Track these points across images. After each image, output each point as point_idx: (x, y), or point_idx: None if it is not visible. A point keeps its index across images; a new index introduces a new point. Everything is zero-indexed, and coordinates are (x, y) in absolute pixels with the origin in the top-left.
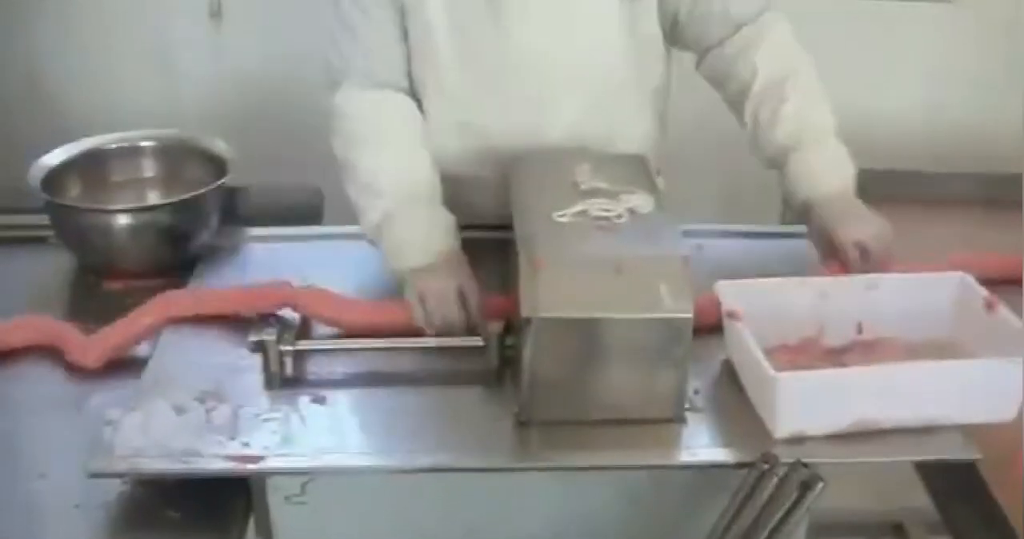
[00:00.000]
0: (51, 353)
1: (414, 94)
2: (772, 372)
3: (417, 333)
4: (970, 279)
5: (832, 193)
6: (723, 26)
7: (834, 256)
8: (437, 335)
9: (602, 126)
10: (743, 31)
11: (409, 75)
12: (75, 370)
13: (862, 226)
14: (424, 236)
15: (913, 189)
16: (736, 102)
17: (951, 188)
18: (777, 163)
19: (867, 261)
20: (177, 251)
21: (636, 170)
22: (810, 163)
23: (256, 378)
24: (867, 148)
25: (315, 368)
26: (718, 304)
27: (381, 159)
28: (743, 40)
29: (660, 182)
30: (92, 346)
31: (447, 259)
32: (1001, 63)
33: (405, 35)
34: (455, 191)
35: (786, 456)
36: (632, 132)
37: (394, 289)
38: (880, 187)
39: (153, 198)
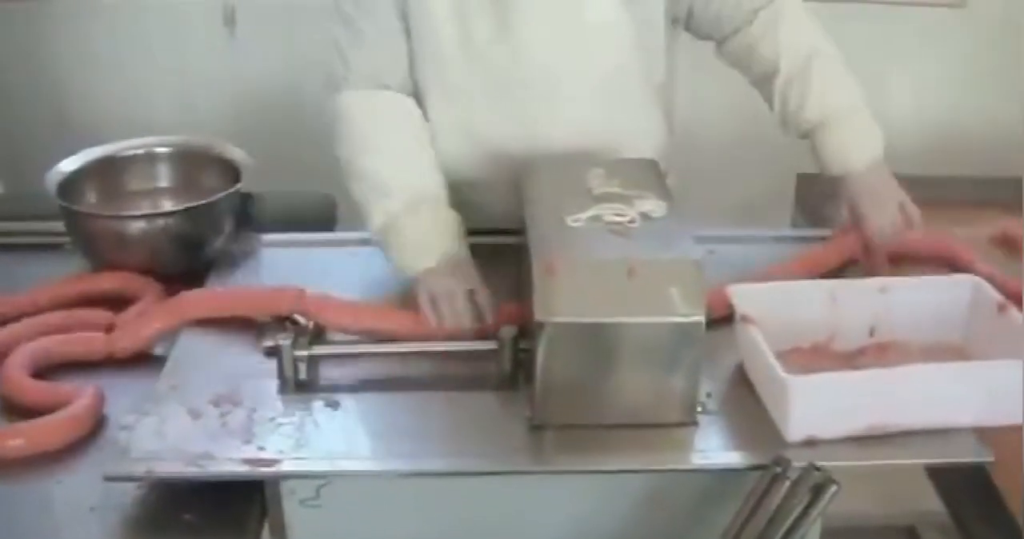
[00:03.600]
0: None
1: (417, 97)
2: (784, 375)
3: (429, 337)
4: (983, 282)
5: (859, 169)
6: (740, 14)
7: (857, 229)
8: (449, 337)
9: (608, 126)
10: (760, 15)
11: (412, 78)
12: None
13: (885, 212)
14: (432, 237)
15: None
16: (762, 84)
17: (956, 192)
18: (809, 139)
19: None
20: (191, 257)
21: (649, 174)
22: (839, 140)
23: (271, 383)
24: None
25: (329, 373)
26: (726, 298)
27: (386, 161)
28: (762, 24)
29: (670, 180)
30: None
31: (455, 260)
32: (1006, 67)
33: (408, 38)
34: (462, 195)
35: (799, 459)
36: (637, 129)
37: (406, 294)
38: None
39: (168, 204)
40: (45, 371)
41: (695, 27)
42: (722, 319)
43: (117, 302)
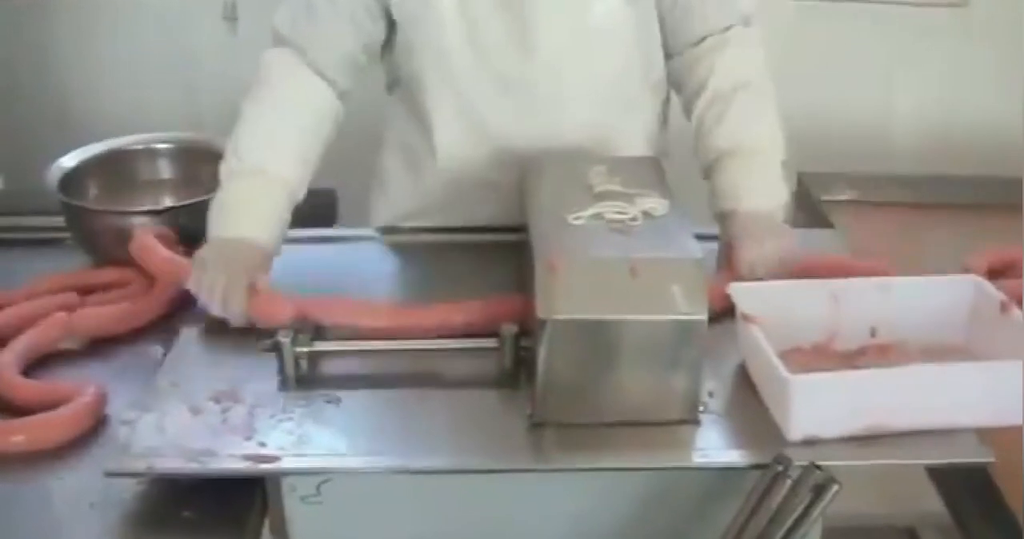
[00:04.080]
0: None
1: (417, 92)
2: (786, 374)
3: (432, 336)
4: (985, 282)
5: (749, 209)
6: (691, 34)
7: (729, 268)
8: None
9: (610, 124)
10: (707, 41)
11: (350, 77)
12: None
13: (758, 246)
14: (242, 212)
15: (925, 193)
16: (688, 104)
17: (957, 192)
18: (709, 170)
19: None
20: (193, 253)
21: (650, 172)
22: (736, 175)
23: (271, 379)
24: (878, 151)
25: (330, 369)
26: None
27: (267, 131)
28: (707, 48)
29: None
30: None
31: (247, 246)
32: (1007, 67)
33: (366, 39)
34: (467, 193)
35: (800, 459)
36: (637, 126)
37: (408, 290)
38: (892, 191)
39: (169, 200)
40: (38, 366)
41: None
42: (723, 317)
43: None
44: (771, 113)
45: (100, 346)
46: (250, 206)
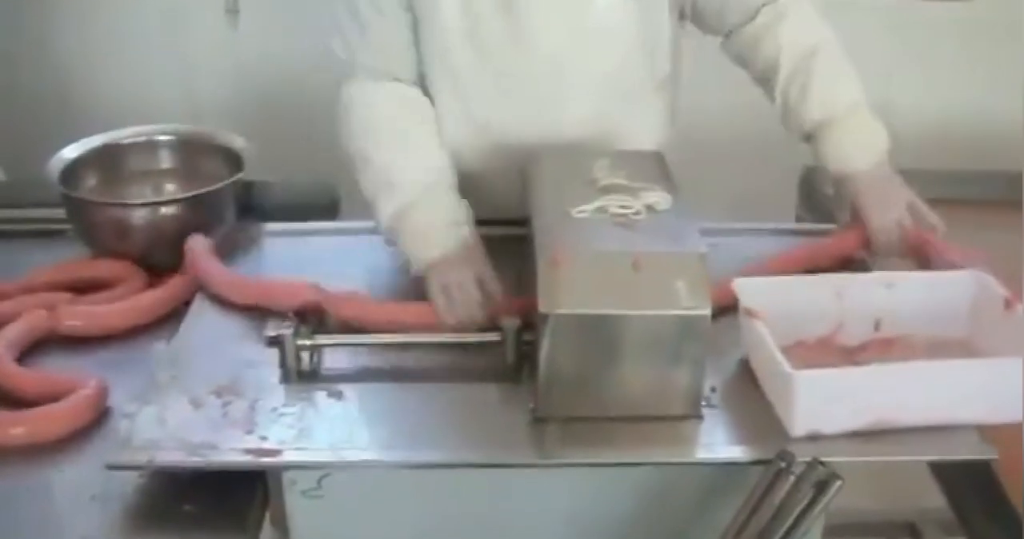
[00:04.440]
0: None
1: (424, 87)
2: (789, 370)
3: (434, 329)
4: (988, 278)
5: (862, 169)
6: (743, 8)
7: (859, 228)
8: (462, 328)
9: (613, 119)
10: (764, 11)
11: (414, 65)
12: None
13: (888, 211)
14: (439, 227)
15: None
16: (764, 80)
17: (962, 186)
18: (810, 139)
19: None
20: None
21: (654, 166)
22: (840, 139)
23: (273, 373)
24: None
25: (332, 363)
26: (728, 290)
27: (398, 152)
28: (764, 20)
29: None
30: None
31: (465, 248)
32: (1013, 60)
33: (414, 30)
34: (469, 187)
35: (803, 454)
36: (640, 122)
37: (410, 284)
38: None
39: (169, 192)
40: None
41: (700, 21)
42: (726, 312)
43: (96, 289)
44: (849, 70)
45: (101, 339)
46: (443, 217)
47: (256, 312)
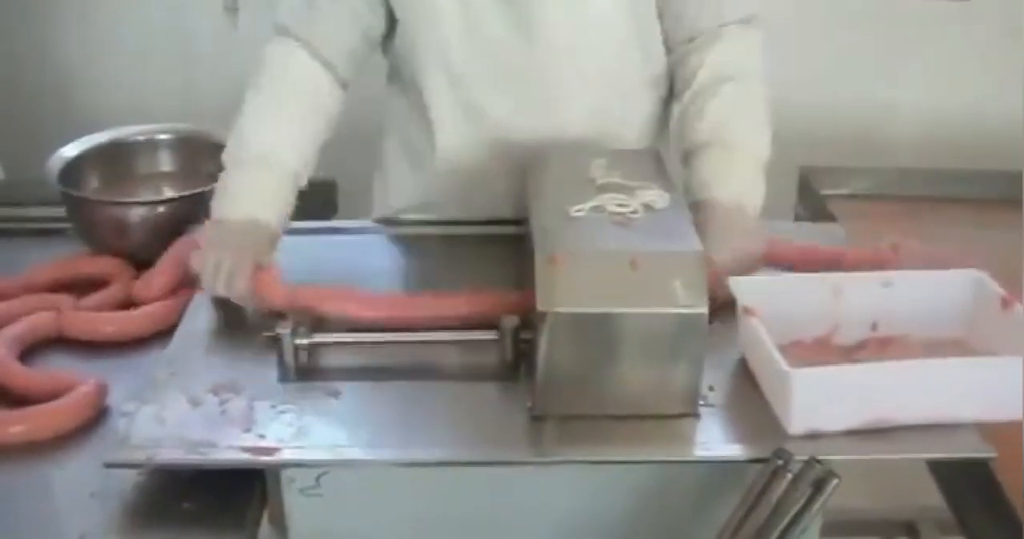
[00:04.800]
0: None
1: (417, 85)
2: (787, 368)
3: (429, 328)
4: (986, 277)
5: (722, 201)
6: (684, 31)
7: None
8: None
9: (610, 114)
10: (700, 37)
11: (351, 67)
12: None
13: (721, 246)
14: (245, 195)
15: (927, 187)
16: (677, 93)
17: (962, 185)
18: (687, 159)
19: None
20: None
21: (651, 165)
22: (713, 167)
23: (271, 371)
24: (879, 146)
25: (330, 361)
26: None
27: (264, 115)
28: (699, 43)
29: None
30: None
31: (252, 227)
32: (1011, 60)
33: (367, 29)
34: (467, 185)
35: (800, 452)
36: (637, 118)
37: (408, 282)
38: (894, 185)
39: (169, 191)
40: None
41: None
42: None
43: (93, 286)
44: (757, 110)
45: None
46: (255, 189)
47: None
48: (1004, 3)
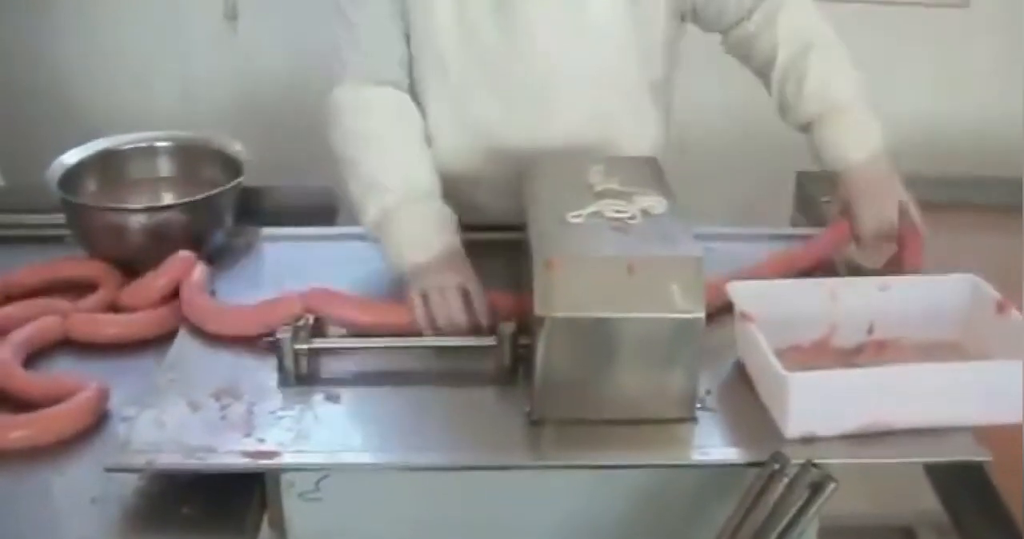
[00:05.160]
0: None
1: (415, 94)
2: (783, 372)
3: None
4: (981, 281)
5: (855, 162)
6: (741, 5)
7: (847, 225)
8: (437, 334)
9: (608, 121)
10: (761, 7)
11: (410, 74)
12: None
13: (880, 210)
14: (425, 231)
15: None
16: (762, 75)
17: (958, 192)
18: (806, 132)
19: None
20: (191, 251)
21: (649, 172)
22: (834, 133)
23: (271, 376)
24: None
25: (330, 366)
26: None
27: (383, 156)
28: (762, 15)
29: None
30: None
31: (449, 255)
32: (1009, 67)
33: (406, 35)
34: (462, 192)
35: (797, 456)
36: (635, 126)
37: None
38: None
39: (168, 198)
40: (40, 361)
41: (700, 20)
42: (721, 314)
43: (77, 289)
44: (846, 64)
45: (104, 345)
46: (429, 223)
47: None
48: (1004, 10)
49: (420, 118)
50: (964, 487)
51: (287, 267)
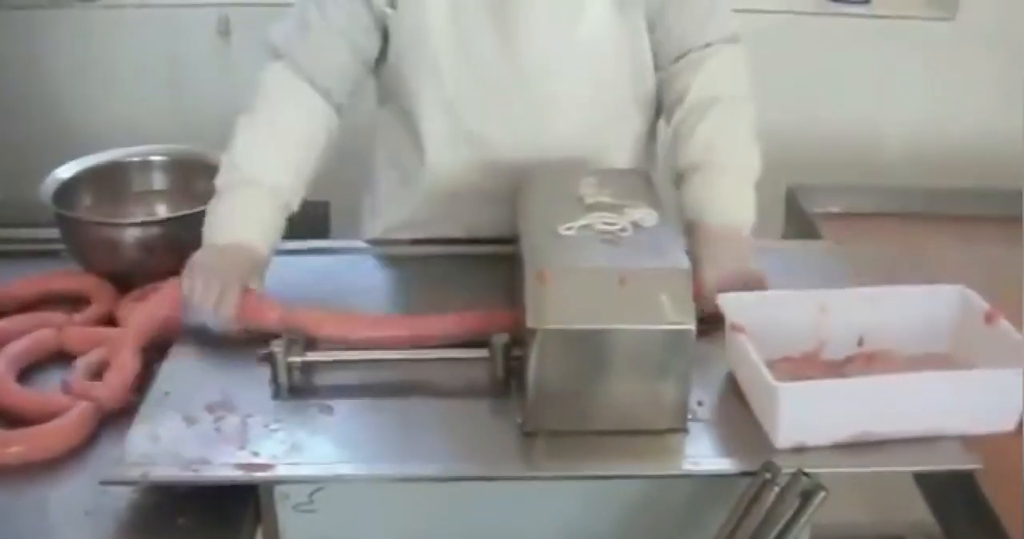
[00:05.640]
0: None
1: (408, 107)
2: (774, 382)
3: (421, 346)
4: (970, 292)
5: (713, 225)
6: (671, 50)
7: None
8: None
9: (600, 135)
10: (688, 57)
11: (345, 90)
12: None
13: (717, 268)
14: (233, 219)
15: (914, 205)
16: (668, 113)
17: (950, 204)
18: (679, 181)
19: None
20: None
21: (640, 185)
22: (704, 189)
23: (264, 389)
24: (868, 164)
25: (323, 379)
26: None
27: (260, 142)
28: (686, 63)
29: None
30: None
31: (236, 249)
32: (997, 78)
33: (360, 52)
34: (458, 204)
35: (788, 466)
36: (624, 137)
37: (400, 301)
38: (882, 203)
39: (163, 212)
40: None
41: (656, 44)
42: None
43: (71, 303)
44: (746, 129)
45: None
46: (245, 213)
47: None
48: (991, 21)
49: (327, 134)
50: (954, 496)
51: (279, 280)
